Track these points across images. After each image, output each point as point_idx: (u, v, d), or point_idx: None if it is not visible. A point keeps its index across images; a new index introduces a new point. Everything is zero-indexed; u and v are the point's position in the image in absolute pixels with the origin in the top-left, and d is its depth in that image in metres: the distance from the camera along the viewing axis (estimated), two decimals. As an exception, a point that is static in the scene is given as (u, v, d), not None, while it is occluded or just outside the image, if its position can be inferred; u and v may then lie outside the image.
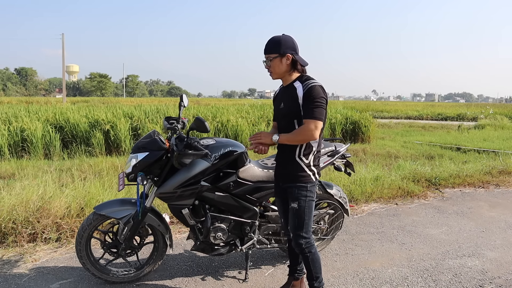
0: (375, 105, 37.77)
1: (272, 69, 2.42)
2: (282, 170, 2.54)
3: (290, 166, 2.46)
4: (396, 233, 4.12)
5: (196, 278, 3.05)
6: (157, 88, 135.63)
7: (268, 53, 2.40)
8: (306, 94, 2.32)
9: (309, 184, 2.45)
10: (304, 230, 2.47)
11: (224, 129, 10.64)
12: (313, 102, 2.30)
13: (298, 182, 2.44)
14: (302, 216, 2.45)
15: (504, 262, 3.43)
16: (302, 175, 2.44)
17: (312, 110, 2.30)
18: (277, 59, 2.38)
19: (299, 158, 2.43)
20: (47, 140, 8.83)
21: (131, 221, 2.77)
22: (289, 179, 2.47)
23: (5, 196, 3.78)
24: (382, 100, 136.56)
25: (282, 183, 2.55)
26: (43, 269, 3.11)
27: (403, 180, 5.86)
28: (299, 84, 2.38)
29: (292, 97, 2.38)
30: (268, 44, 2.40)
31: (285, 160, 2.49)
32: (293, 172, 2.45)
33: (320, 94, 2.32)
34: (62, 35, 41.44)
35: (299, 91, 2.35)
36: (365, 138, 12.08)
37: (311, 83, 2.34)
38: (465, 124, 18.76)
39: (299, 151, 2.42)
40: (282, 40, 2.37)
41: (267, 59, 2.41)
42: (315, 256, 2.54)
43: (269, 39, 2.41)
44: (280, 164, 2.56)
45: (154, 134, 2.77)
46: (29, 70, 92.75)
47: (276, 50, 2.36)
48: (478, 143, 11.09)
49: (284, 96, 2.47)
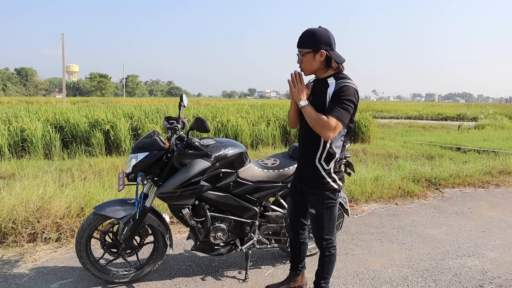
0: (375, 105, 37.75)
1: (304, 65, 2.24)
2: (301, 173, 2.46)
3: (309, 170, 2.36)
4: (396, 233, 4.12)
5: (196, 278, 3.05)
6: (157, 88, 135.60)
7: (300, 47, 2.21)
8: (337, 91, 2.15)
9: (328, 192, 2.34)
10: (326, 232, 2.43)
11: (224, 129, 10.64)
12: (341, 102, 2.13)
13: (316, 190, 2.36)
14: (321, 221, 2.40)
15: (504, 262, 3.43)
16: (322, 182, 2.33)
17: (338, 109, 2.13)
18: (310, 55, 2.20)
19: (319, 163, 2.31)
20: (47, 140, 8.83)
21: (131, 221, 2.77)
22: (308, 184, 2.40)
23: (5, 196, 3.78)
24: (382, 100, 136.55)
25: (300, 186, 2.48)
26: (43, 269, 3.11)
27: (403, 180, 5.86)
28: (333, 81, 2.21)
29: (321, 93, 2.22)
30: (301, 37, 2.22)
31: (304, 163, 2.40)
32: (312, 177, 2.36)
33: (352, 96, 2.15)
34: (62, 35, 41.45)
35: (331, 87, 2.19)
36: (365, 138, 12.08)
37: (345, 82, 2.17)
38: (465, 124, 18.75)
39: (320, 155, 2.29)
40: (317, 33, 2.19)
41: (300, 53, 2.23)
42: (332, 257, 2.51)
43: (304, 32, 2.22)
44: (300, 166, 2.48)
45: (154, 134, 2.77)
46: (29, 70, 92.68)
47: (310, 44, 2.19)
48: (478, 143, 11.09)
49: (315, 90, 2.29)
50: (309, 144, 2.33)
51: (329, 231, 2.44)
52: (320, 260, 2.55)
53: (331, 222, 2.42)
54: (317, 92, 2.27)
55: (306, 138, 2.35)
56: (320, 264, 2.55)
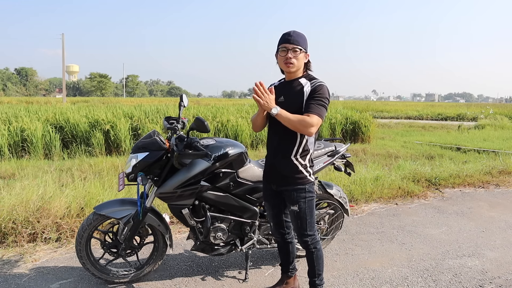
0: (375, 105, 37.76)
1: (297, 61, 2.35)
2: (276, 172, 2.48)
3: (287, 167, 2.41)
4: (396, 233, 4.12)
5: (196, 278, 3.05)
6: (157, 88, 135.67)
7: (296, 44, 2.33)
8: (313, 90, 2.32)
9: (307, 185, 2.43)
10: (308, 228, 2.47)
11: (224, 129, 10.64)
12: (320, 100, 2.30)
13: (296, 185, 2.41)
14: (304, 217, 2.44)
15: (504, 262, 3.43)
16: (300, 176, 2.41)
17: (317, 106, 2.28)
18: (303, 54, 2.36)
19: (296, 158, 2.39)
20: (47, 140, 8.83)
21: (131, 221, 2.77)
22: (286, 181, 2.43)
23: (5, 196, 3.79)
24: (382, 100, 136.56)
25: (276, 186, 2.50)
26: (43, 269, 3.11)
27: (403, 180, 5.86)
28: (306, 82, 2.36)
29: (297, 93, 2.35)
30: (296, 36, 2.35)
31: (279, 162, 2.43)
32: (290, 174, 2.41)
33: (326, 94, 2.34)
34: (62, 35, 41.47)
35: (306, 87, 2.34)
36: (365, 138, 12.08)
37: (319, 82, 2.35)
38: (465, 124, 18.75)
39: (296, 151, 2.39)
40: (304, 36, 2.38)
41: (293, 50, 2.33)
42: (319, 252, 2.54)
43: (296, 32, 2.37)
44: (273, 166, 2.50)
45: (154, 134, 2.77)
46: (29, 70, 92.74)
47: (304, 45, 2.36)
48: (478, 143, 11.09)
49: (286, 90, 2.41)
50: (285, 143, 2.41)
51: (312, 226, 2.49)
52: (308, 259, 2.57)
53: (313, 217, 2.49)
54: (290, 93, 2.39)
55: (282, 137, 2.40)
56: (310, 263, 2.57)
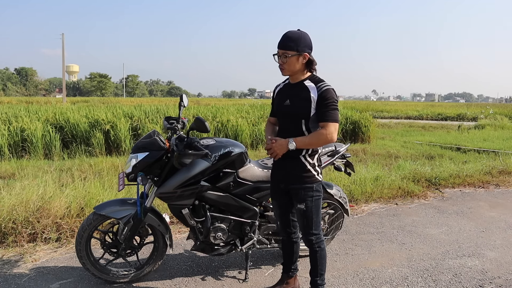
0: (375, 105, 37.74)
1: (287, 66, 2.31)
2: (284, 171, 2.48)
3: (295, 166, 2.41)
4: (396, 233, 4.12)
5: (196, 278, 3.05)
6: (157, 88, 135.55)
7: (285, 49, 2.27)
8: (322, 97, 2.29)
9: (315, 184, 2.43)
10: (314, 227, 2.48)
11: (224, 129, 10.64)
12: (330, 105, 2.29)
13: (304, 183, 2.41)
14: (310, 215, 2.45)
15: (504, 262, 3.43)
16: (308, 175, 2.41)
17: (329, 113, 2.29)
18: (294, 57, 2.27)
19: (304, 157, 2.39)
20: (47, 140, 8.83)
21: (131, 221, 2.77)
22: (294, 180, 2.43)
23: (5, 196, 3.78)
24: (382, 100, 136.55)
25: (284, 185, 2.50)
26: (43, 269, 3.11)
27: (403, 180, 5.86)
28: (312, 85, 2.33)
29: (303, 97, 2.33)
30: (285, 39, 2.27)
31: (287, 160, 2.42)
32: (299, 173, 2.41)
33: (335, 97, 2.33)
34: (62, 35, 41.47)
35: (313, 93, 2.31)
36: (365, 138, 12.08)
37: (325, 86, 2.31)
38: (465, 124, 18.74)
39: (305, 150, 2.38)
40: (301, 37, 2.27)
41: (283, 55, 2.28)
42: (323, 252, 2.55)
43: (287, 34, 2.28)
44: (281, 165, 2.49)
45: (154, 134, 2.77)
46: (29, 70, 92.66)
47: (294, 47, 2.25)
48: (478, 143, 11.09)
49: (292, 94, 2.38)
50: None
51: (317, 225, 2.50)
52: (312, 258, 2.57)
53: (318, 216, 2.50)
54: (296, 96, 2.36)
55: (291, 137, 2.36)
56: (313, 262, 2.57)
